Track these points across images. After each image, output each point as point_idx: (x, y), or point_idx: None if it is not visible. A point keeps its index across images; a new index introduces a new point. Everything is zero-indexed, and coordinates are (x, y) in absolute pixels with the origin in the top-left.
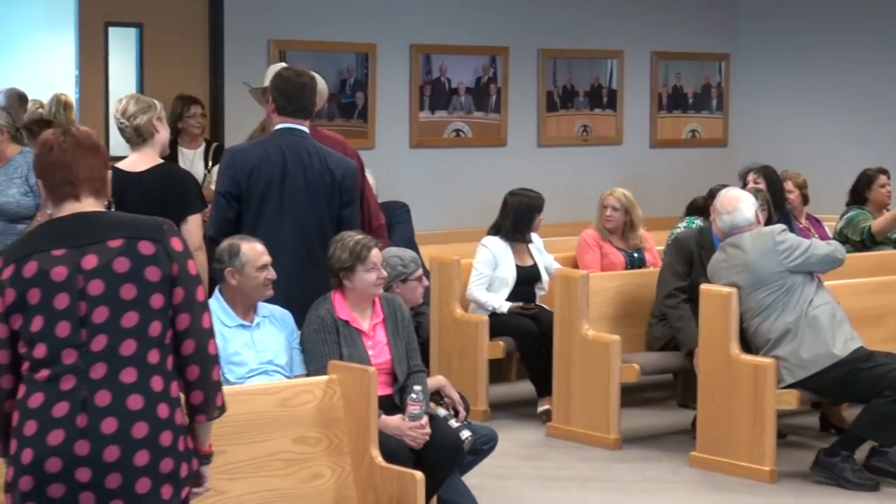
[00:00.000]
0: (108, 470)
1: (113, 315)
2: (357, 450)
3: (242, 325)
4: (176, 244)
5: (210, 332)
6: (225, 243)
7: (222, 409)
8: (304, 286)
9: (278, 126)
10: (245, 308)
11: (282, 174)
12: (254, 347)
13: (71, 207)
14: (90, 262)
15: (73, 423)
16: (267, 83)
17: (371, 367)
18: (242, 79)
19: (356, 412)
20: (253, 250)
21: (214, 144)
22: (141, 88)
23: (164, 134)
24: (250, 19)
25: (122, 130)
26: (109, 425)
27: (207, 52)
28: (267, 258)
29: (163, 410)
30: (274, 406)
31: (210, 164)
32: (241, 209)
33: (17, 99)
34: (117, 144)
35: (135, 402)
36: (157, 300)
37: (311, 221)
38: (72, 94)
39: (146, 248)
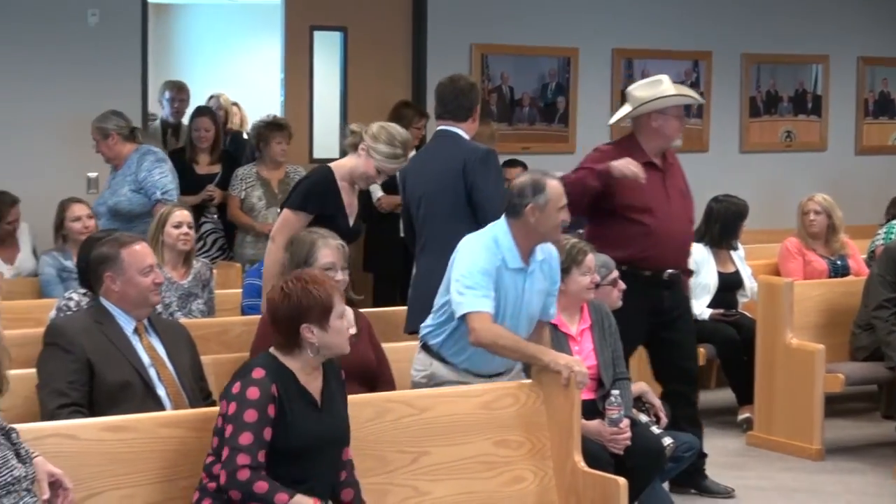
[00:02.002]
0: None
1: None
2: (559, 454)
3: (520, 269)
4: None
5: None
6: (529, 177)
7: None
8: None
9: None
10: (526, 251)
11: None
12: (522, 295)
13: None
14: None
15: None
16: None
17: None
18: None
19: (559, 416)
20: (557, 190)
21: None
22: (344, 92)
23: (361, 167)
24: (453, 23)
25: (353, 132)
26: None
27: (410, 56)
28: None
29: None
30: (477, 408)
31: None
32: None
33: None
34: (319, 146)
35: None
36: None
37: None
38: (278, 97)
39: None
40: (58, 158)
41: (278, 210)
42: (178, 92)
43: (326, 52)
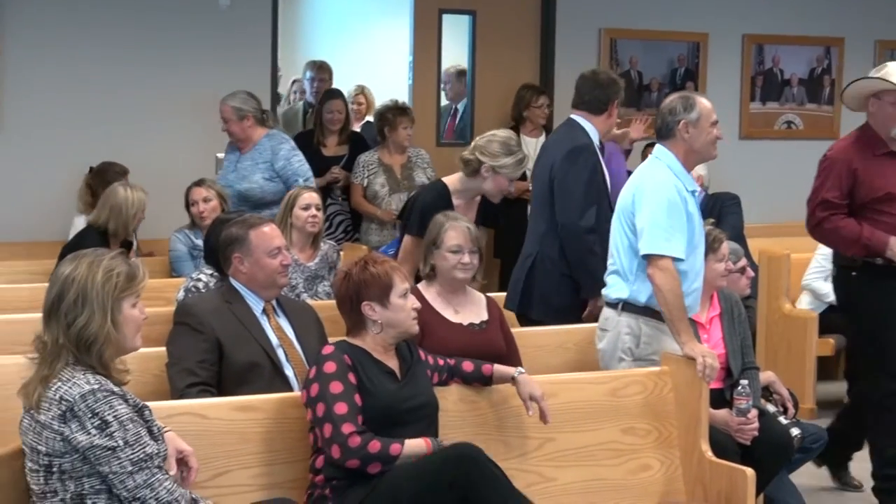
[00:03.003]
0: None
1: None
2: (686, 443)
3: (693, 192)
4: None
5: None
6: (677, 95)
7: None
8: None
9: None
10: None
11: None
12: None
13: None
14: None
15: None
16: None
17: None
18: (574, 67)
19: (687, 405)
20: (707, 105)
21: None
22: (472, 75)
23: (487, 184)
24: (582, 7)
25: (467, 161)
26: None
27: (538, 40)
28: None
29: None
30: (604, 395)
31: None
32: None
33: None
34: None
35: None
36: None
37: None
38: (405, 80)
39: None
40: (188, 140)
41: (402, 196)
42: (319, 71)
43: (454, 35)
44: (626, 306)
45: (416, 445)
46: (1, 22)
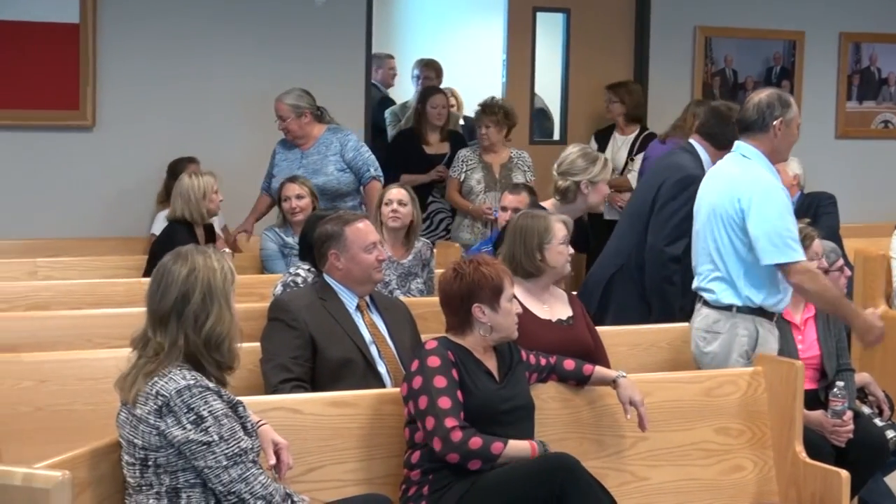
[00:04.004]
0: None
1: None
2: (780, 444)
3: None
4: None
5: None
6: (773, 91)
7: None
8: None
9: None
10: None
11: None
12: None
13: None
14: None
15: None
16: None
17: (798, 360)
18: (668, 65)
19: (781, 406)
20: (797, 109)
21: (646, 133)
22: (566, 74)
23: (591, 199)
24: (678, 5)
25: (565, 190)
26: None
27: (633, 38)
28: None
29: None
30: (698, 395)
31: (635, 151)
32: None
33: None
34: (540, 128)
35: None
36: None
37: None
38: (498, 78)
39: None
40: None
41: (497, 194)
42: (426, 69)
43: (549, 33)
44: (741, 308)
45: (520, 447)
46: (97, 19)
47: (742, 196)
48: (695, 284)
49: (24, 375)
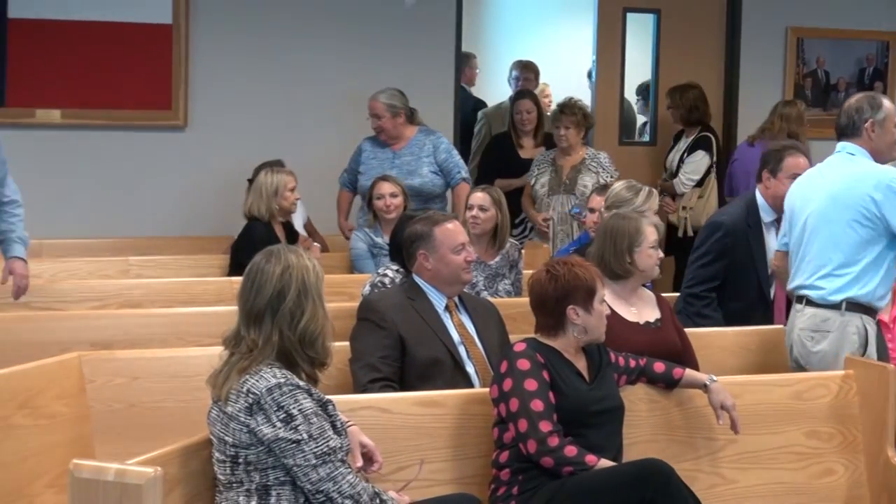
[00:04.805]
0: None
1: None
2: (872, 448)
3: None
4: None
5: None
6: (863, 95)
7: None
8: None
9: None
10: None
11: None
12: None
13: None
14: None
15: None
16: None
17: (890, 364)
18: (759, 66)
19: (872, 409)
20: (891, 106)
21: (699, 135)
22: (656, 74)
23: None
24: (769, 6)
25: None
26: None
27: (724, 39)
28: None
29: None
30: (788, 398)
31: (687, 153)
32: None
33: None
34: (629, 130)
35: None
36: None
37: None
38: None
39: None
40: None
41: (562, 198)
42: (524, 70)
43: (639, 33)
44: (850, 306)
45: (608, 465)
46: (189, 20)
47: (875, 185)
48: (793, 284)
49: (118, 372)
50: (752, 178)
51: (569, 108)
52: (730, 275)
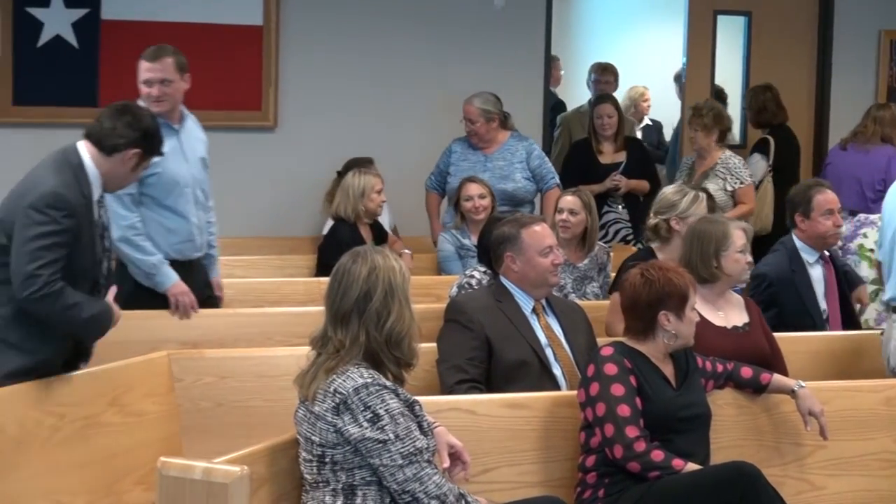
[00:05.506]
0: None
1: None
2: None
3: None
4: None
5: None
6: None
7: None
8: None
9: None
10: None
11: None
12: None
13: None
14: None
15: None
16: None
17: None
18: (851, 69)
19: None
20: None
21: (759, 138)
22: (746, 77)
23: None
24: (862, 9)
25: (647, 226)
26: None
27: (815, 42)
28: None
29: None
30: (878, 404)
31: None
32: None
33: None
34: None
35: None
36: None
37: None
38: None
39: None
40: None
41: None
42: (602, 73)
43: (729, 36)
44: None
45: (695, 468)
46: (280, 21)
47: None
48: (888, 296)
49: (206, 371)
50: (845, 182)
51: (698, 110)
52: (781, 321)
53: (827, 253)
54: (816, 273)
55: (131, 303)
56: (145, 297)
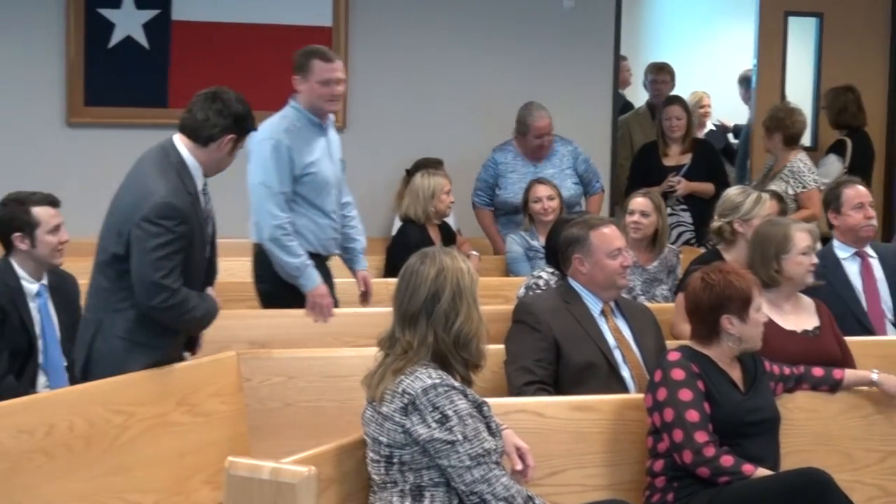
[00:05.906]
0: None
1: None
2: None
3: None
4: None
5: None
6: None
7: None
8: None
9: None
10: None
11: None
12: None
13: None
14: None
15: None
16: None
17: None
18: None
19: None
20: None
21: (835, 140)
22: (818, 79)
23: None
24: None
25: (711, 229)
26: None
27: (888, 44)
28: None
29: None
30: None
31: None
32: None
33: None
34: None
35: None
36: None
37: None
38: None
39: None
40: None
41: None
42: (658, 73)
43: (800, 38)
44: None
45: (766, 473)
46: (349, 22)
47: None
48: None
49: (274, 372)
50: None
51: (771, 111)
52: None
53: (873, 252)
54: (853, 269)
55: (273, 299)
56: (286, 293)
